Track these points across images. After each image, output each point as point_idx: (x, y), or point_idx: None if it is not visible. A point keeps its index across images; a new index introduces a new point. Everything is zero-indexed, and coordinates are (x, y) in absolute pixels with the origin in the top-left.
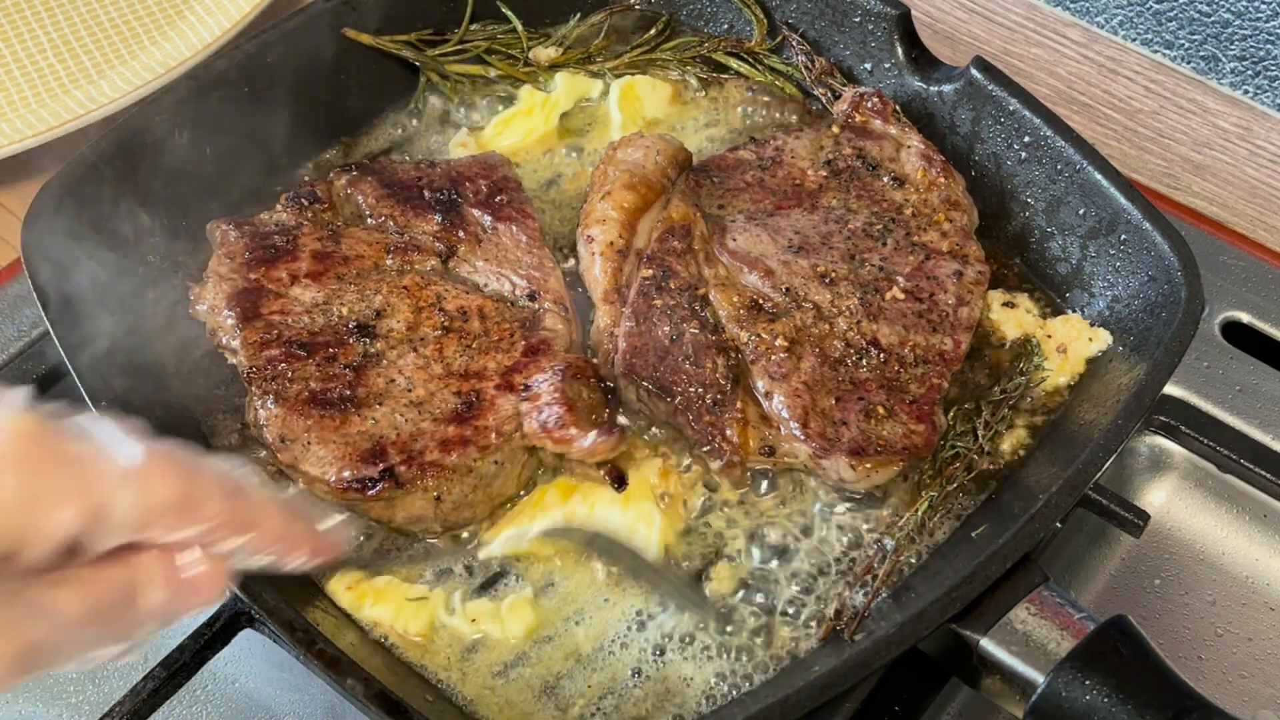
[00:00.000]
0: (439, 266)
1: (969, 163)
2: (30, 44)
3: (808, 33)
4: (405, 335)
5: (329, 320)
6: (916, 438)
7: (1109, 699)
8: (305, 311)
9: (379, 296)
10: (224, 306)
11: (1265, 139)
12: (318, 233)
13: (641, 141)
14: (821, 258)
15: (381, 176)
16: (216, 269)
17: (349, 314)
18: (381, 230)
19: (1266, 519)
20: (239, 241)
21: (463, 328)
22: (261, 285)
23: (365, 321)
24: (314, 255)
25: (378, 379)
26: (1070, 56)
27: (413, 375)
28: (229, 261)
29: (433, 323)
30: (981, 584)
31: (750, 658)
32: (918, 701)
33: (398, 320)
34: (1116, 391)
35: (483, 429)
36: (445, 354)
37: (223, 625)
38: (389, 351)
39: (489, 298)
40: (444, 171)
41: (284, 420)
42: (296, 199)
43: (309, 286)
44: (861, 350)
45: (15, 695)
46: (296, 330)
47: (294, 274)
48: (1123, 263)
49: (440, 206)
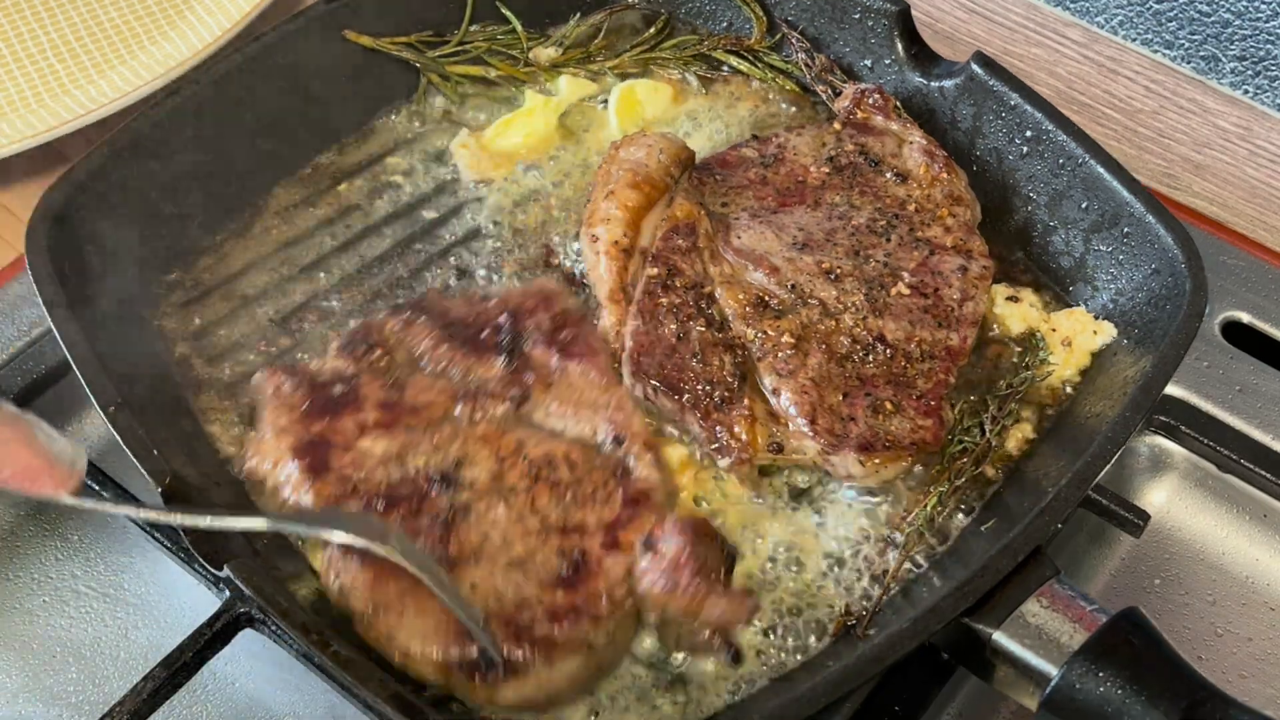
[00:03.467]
0: (512, 412)
1: (970, 158)
2: (30, 44)
3: (807, 30)
4: (491, 486)
5: (406, 473)
6: (924, 433)
7: (1123, 690)
8: (380, 464)
9: (455, 445)
10: (289, 459)
11: (1265, 139)
12: (379, 381)
13: (644, 140)
14: (826, 254)
15: (434, 317)
16: (275, 421)
17: (426, 465)
18: (445, 377)
19: (1266, 519)
20: (296, 392)
21: (553, 476)
22: (327, 438)
23: (446, 472)
24: (379, 405)
25: (470, 534)
26: (1070, 56)
27: (508, 529)
28: (287, 413)
29: (519, 471)
30: (993, 578)
31: (762, 655)
32: (919, 701)
33: (481, 469)
34: (1122, 384)
35: (594, 595)
36: (539, 505)
37: (223, 625)
38: (477, 504)
39: (574, 444)
40: (500, 306)
41: (373, 585)
42: (350, 346)
43: (380, 438)
44: (868, 346)
45: (15, 695)
46: (374, 484)
47: (361, 425)
48: (1126, 256)
49: (503, 349)
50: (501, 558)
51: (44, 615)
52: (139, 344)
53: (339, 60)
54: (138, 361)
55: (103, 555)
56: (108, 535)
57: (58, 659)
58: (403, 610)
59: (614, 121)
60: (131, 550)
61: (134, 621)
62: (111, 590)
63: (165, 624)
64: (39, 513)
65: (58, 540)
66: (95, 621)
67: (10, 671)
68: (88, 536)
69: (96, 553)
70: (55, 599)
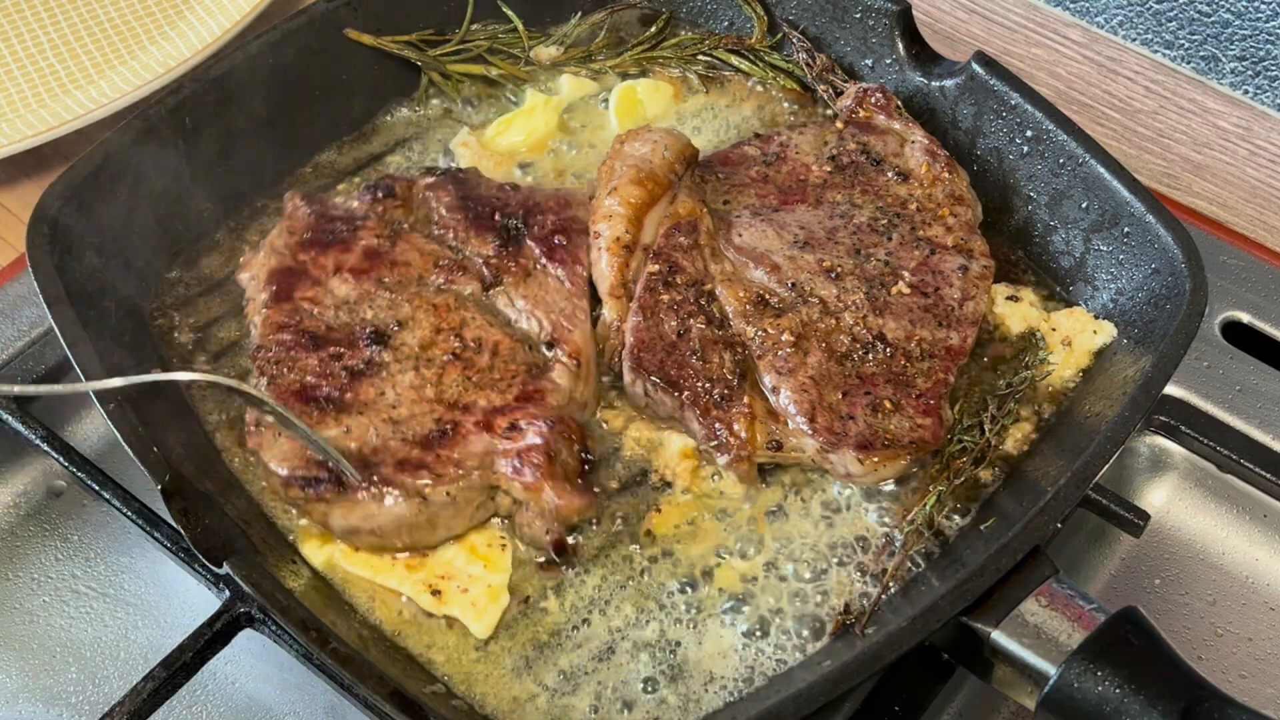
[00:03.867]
0: (478, 292)
1: (971, 157)
2: (30, 44)
3: (808, 29)
4: (414, 352)
5: (350, 319)
6: (923, 431)
7: (1121, 689)
8: (334, 305)
9: (406, 307)
10: (264, 280)
11: (1265, 139)
12: (379, 229)
13: (649, 136)
14: (827, 253)
15: (462, 189)
16: (273, 241)
17: (371, 319)
18: (440, 242)
19: (1266, 519)
20: (305, 219)
21: (471, 358)
22: (306, 269)
23: (383, 329)
24: (365, 252)
25: (369, 389)
26: (1070, 56)
27: (403, 393)
28: (287, 236)
29: (445, 347)
30: (992, 576)
31: (761, 653)
32: (918, 701)
33: (414, 336)
34: (1122, 384)
35: (444, 459)
36: (443, 380)
37: (223, 625)
38: (392, 364)
39: (508, 335)
40: (522, 200)
41: (258, 418)
42: (374, 189)
43: (346, 281)
44: (868, 345)
45: (15, 695)
46: (315, 321)
47: (339, 265)
48: (1126, 256)
49: (503, 232)
50: (384, 413)
51: (44, 615)
52: (139, 342)
53: (339, 59)
54: (138, 360)
55: (103, 555)
56: (108, 535)
57: (58, 659)
58: (278, 433)
59: (614, 121)
60: (131, 550)
61: (134, 621)
62: (111, 590)
63: (165, 624)
64: (39, 513)
65: (58, 540)
66: (95, 621)
67: (10, 671)
68: (88, 536)
69: (96, 553)
70: (55, 599)
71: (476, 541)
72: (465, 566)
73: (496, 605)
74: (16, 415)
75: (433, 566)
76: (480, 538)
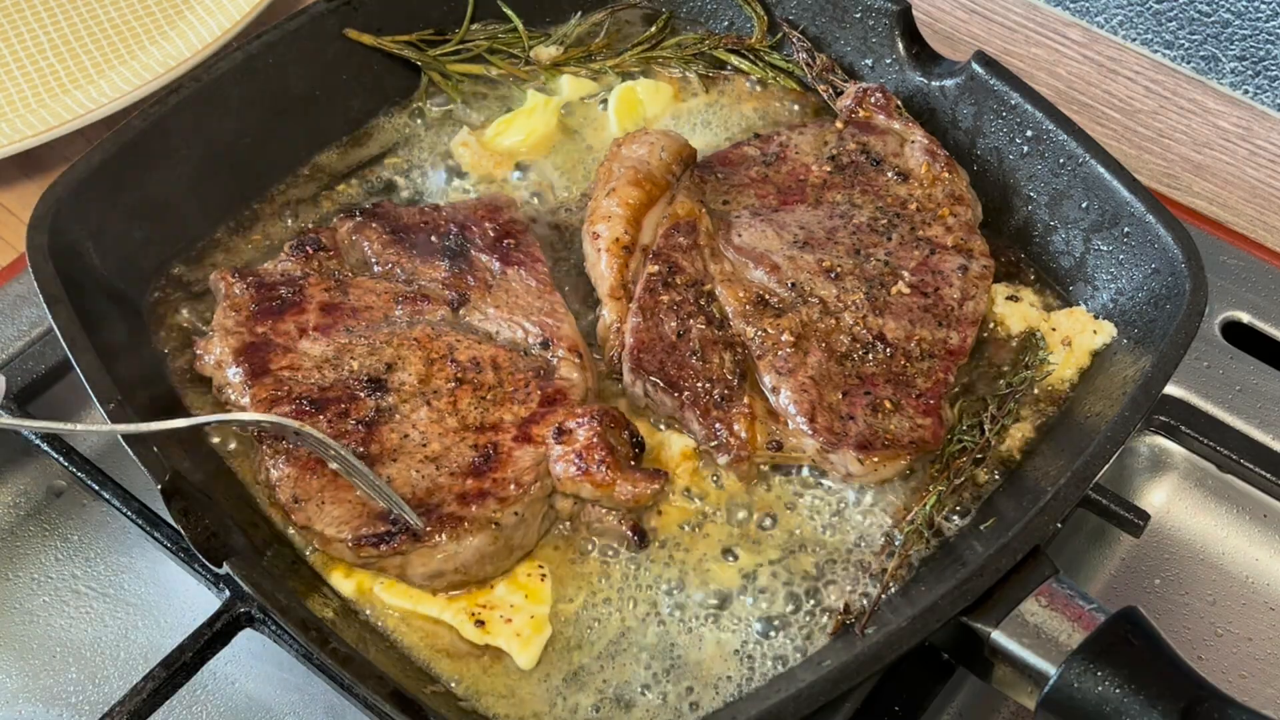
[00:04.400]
0: (450, 316)
1: (971, 157)
2: (30, 44)
3: (808, 29)
4: (418, 389)
5: (340, 375)
6: (924, 431)
7: (1121, 689)
8: (315, 367)
9: (389, 349)
10: (230, 363)
11: (1265, 139)
12: (325, 283)
13: (646, 138)
14: (827, 253)
15: (386, 222)
16: (222, 323)
17: (360, 368)
18: (389, 279)
19: (1266, 519)
20: (244, 294)
21: (476, 379)
22: (269, 339)
23: (376, 375)
24: (322, 307)
25: (391, 434)
26: (1070, 56)
27: (427, 430)
28: (234, 315)
29: (445, 375)
30: (992, 576)
31: (761, 653)
32: (918, 701)
33: (409, 373)
34: (1122, 384)
35: (502, 480)
36: (459, 407)
37: (223, 625)
38: (402, 405)
39: (501, 347)
40: (449, 215)
41: (296, 481)
42: (301, 247)
43: (318, 340)
44: (868, 345)
45: (15, 695)
46: (306, 386)
47: (302, 327)
48: (1126, 256)
49: (448, 253)
50: (418, 454)
51: (44, 615)
52: (140, 342)
53: (339, 59)
54: (138, 359)
55: (103, 555)
56: (108, 535)
57: (58, 659)
58: (322, 501)
59: (613, 121)
60: (131, 550)
61: (134, 621)
62: (111, 590)
63: (165, 624)
64: (39, 513)
65: (58, 540)
66: (95, 621)
67: (10, 671)
68: (88, 536)
69: (96, 553)
70: (55, 599)
71: (517, 571)
72: (507, 596)
73: (541, 635)
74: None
75: (474, 595)
76: (520, 567)
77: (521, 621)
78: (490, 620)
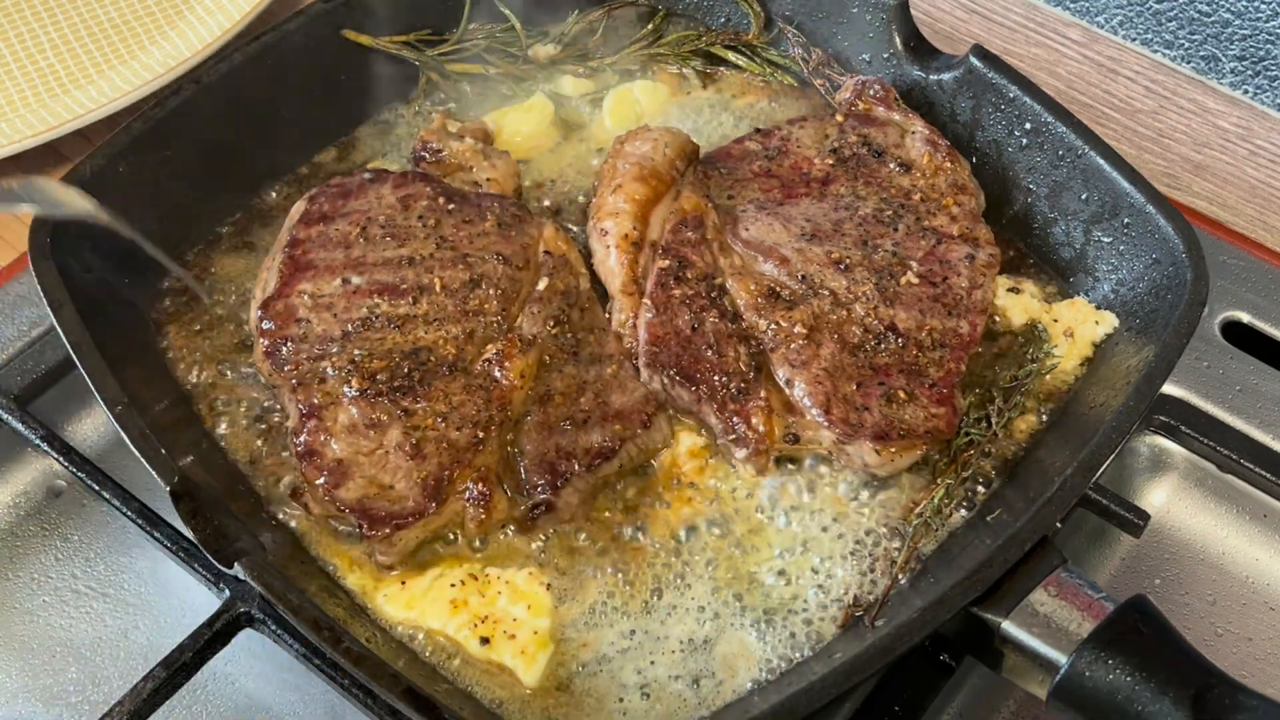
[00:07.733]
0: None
1: (970, 150)
2: (30, 44)
3: (804, 24)
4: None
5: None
6: (938, 420)
7: (1132, 677)
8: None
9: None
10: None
11: (1265, 139)
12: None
13: (649, 134)
14: (835, 244)
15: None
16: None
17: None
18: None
19: (1266, 519)
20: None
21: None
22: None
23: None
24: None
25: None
26: (1070, 56)
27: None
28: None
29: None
30: (1001, 567)
31: (772, 646)
32: (919, 700)
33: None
34: (1125, 374)
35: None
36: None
37: (223, 625)
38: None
39: None
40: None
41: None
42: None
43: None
44: (880, 335)
45: (15, 695)
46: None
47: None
48: (1126, 246)
49: None
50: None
51: (44, 615)
52: (142, 342)
53: (338, 59)
54: (141, 360)
55: (103, 555)
56: (108, 535)
57: (58, 659)
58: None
59: (609, 124)
60: (131, 550)
61: (134, 621)
62: (111, 590)
63: (165, 624)
64: (39, 513)
65: (58, 540)
66: (95, 621)
67: (10, 671)
68: (88, 536)
69: (96, 553)
70: (55, 599)
71: (517, 579)
72: (509, 607)
73: (545, 652)
74: (16, 415)
75: (475, 608)
76: (521, 575)
77: (525, 637)
78: (494, 636)
